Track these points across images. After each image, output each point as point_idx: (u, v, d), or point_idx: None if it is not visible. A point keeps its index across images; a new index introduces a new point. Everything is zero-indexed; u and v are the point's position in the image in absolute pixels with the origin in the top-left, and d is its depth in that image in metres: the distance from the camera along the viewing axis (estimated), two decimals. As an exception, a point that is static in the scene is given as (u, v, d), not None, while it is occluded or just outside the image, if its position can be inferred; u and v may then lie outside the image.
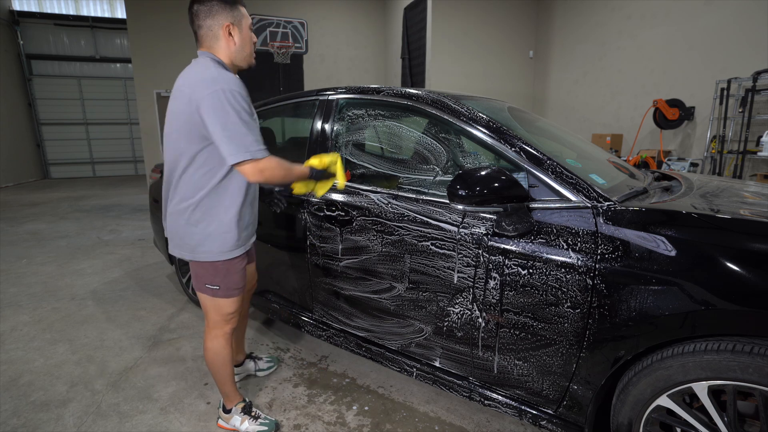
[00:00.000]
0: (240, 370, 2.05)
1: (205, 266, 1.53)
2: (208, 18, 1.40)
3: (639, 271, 1.17)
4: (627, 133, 6.44)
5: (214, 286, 1.55)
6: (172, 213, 1.50)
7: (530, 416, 1.48)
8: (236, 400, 1.75)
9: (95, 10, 11.45)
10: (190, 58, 1.50)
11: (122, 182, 10.64)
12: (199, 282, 1.58)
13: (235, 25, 1.42)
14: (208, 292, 1.57)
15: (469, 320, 1.52)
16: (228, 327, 1.65)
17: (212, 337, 1.64)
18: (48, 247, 4.48)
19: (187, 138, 1.40)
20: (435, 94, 1.80)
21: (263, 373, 2.11)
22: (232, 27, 1.42)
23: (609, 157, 1.99)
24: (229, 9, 1.41)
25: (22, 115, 10.89)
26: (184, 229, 1.48)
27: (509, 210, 1.39)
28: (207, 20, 1.40)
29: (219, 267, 1.53)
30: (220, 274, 1.54)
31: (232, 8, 1.41)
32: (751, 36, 4.80)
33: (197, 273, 1.57)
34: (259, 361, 2.12)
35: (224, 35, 1.42)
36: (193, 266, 1.57)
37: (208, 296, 1.58)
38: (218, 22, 1.40)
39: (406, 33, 8.24)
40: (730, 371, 1.06)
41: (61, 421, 1.79)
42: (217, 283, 1.55)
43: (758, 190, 1.71)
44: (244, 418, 1.72)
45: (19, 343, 2.45)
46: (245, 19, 1.46)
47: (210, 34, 1.42)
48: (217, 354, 1.64)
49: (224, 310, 1.61)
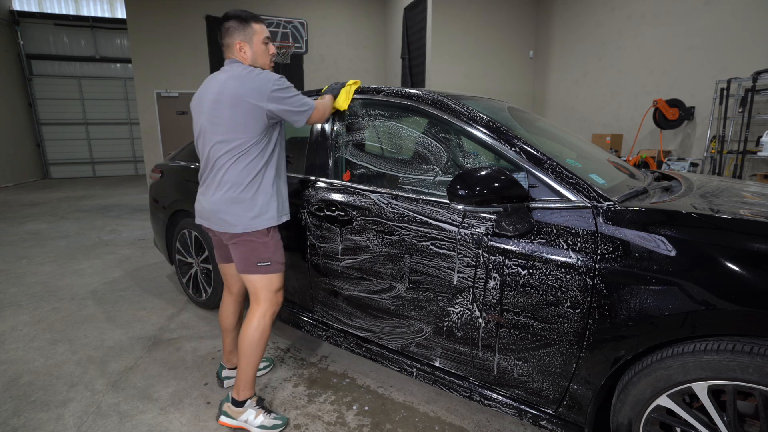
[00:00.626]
0: (236, 372, 2.03)
1: (255, 244, 1.66)
2: (227, 37, 1.65)
3: (639, 271, 1.17)
4: (627, 133, 6.44)
5: (265, 263, 1.69)
6: (224, 199, 1.64)
7: (530, 416, 1.49)
8: (252, 392, 1.76)
9: (95, 10, 11.45)
10: (190, 58, 1.55)
11: (122, 182, 10.64)
12: (249, 263, 1.69)
13: (246, 42, 1.65)
14: (261, 270, 1.69)
15: (469, 320, 1.52)
16: (277, 306, 1.77)
17: (261, 316, 1.71)
18: (48, 247, 4.48)
19: (243, 129, 1.59)
20: (435, 94, 1.80)
21: (260, 372, 2.11)
22: (242, 44, 1.65)
23: (609, 157, 1.99)
24: (242, 29, 1.64)
25: (22, 115, 10.90)
26: (237, 209, 1.63)
27: (509, 210, 1.39)
28: (226, 39, 1.66)
29: (268, 242, 1.68)
30: (270, 248, 1.69)
31: (244, 27, 1.64)
32: (751, 36, 4.80)
33: (247, 255, 1.68)
34: None
35: (238, 51, 1.66)
36: (243, 249, 1.68)
37: (260, 275, 1.70)
38: (233, 40, 1.65)
39: (406, 33, 8.24)
40: (730, 371, 1.06)
41: (61, 421, 1.79)
42: (268, 259, 1.69)
43: (758, 190, 1.71)
44: (259, 411, 1.73)
45: (19, 343, 2.45)
46: (257, 35, 1.66)
47: (230, 50, 1.67)
48: (264, 332, 1.71)
49: (275, 285, 1.74)
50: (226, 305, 1.96)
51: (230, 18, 1.65)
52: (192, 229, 2.65)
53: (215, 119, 1.61)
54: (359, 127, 2.01)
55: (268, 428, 1.71)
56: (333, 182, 1.94)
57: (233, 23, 1.64)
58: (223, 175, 1.63)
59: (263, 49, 1.69)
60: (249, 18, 1.66)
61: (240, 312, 1.99)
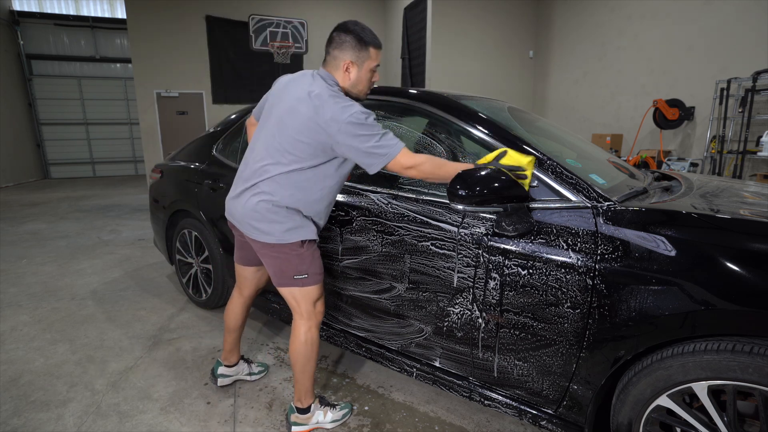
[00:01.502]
0: (233, 371, 2.02)
1: (290, 256, 1.56)
2: (337, 49, 1.51)
3: (639, 271, 1.17)
4: (627, 133, 6.44)
5: (302, 275, 1.60)
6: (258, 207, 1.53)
7: (530, 416, 1.49)
8: (314, 396, 1.74)
9: (95, 10, 11.44)
10: (190, 58, 1.53)
11: (122, 182, 10.64)
12: (285, 277, 1.60)
13: (356, 64, 1.52)
14: (297, 283, 1.61)
15: (469, 320, 1.52)
16: (320, 316, 1.70)
17: (306, 330, 1.66)
18: (48, 247, 4.48)
19: (309, 152, 1.48)
20: (435, 94, 1.80)
21: (254, 377, 2.08)
22: (351, 65, 1.51)
23: (609, 157, 1.99)
24: (357, 49, 1.50)
25: (22, 115, 10.89)
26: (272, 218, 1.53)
27: (509, 210, 1.39)
28: (335, 51, 1.52)
29: (304, 253, 1.58)
30: (306, 260, 1.59)
31: (360, 49, 1.50)
32: (751, 36, 4.80)
33: (282, 269, 1.59)
34: (252, 365, 2.09)
35: (343, 69, 1.52)
36: (277, 262, 1.59)
37: (298, 288, 1.61)
38: (343, 57, 1.51)
39: (406, 33, 8.24)
40: (729, 371, 1.06)
41: (61, 421, 1.79)
42: (305, 271, 1.60)
43: (758, 190, 1.71)
44: (326, 409, 1.74)
45: (19, 343, 2.45)
46: (369, 62, 1.53)
47: (333, 63, 1.53)
48: (314, 344, 1.67)
49: (314, 296, 1.65)
50: (235, 305, 1.93)
51: (349, 32, 1.49)
52: (192, 229, 2.65)
53: (282, 125, 1.50)
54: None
55: (339, 420, 1.76)
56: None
57: (351, 40, 1.49)
58: (265, 182, 1.52)
59: (368, 78, 1.55)
60: (369, 42, 1.50)
61: (246, 314, 1.97)
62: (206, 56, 8.19)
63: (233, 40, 8.27)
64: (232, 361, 2.02)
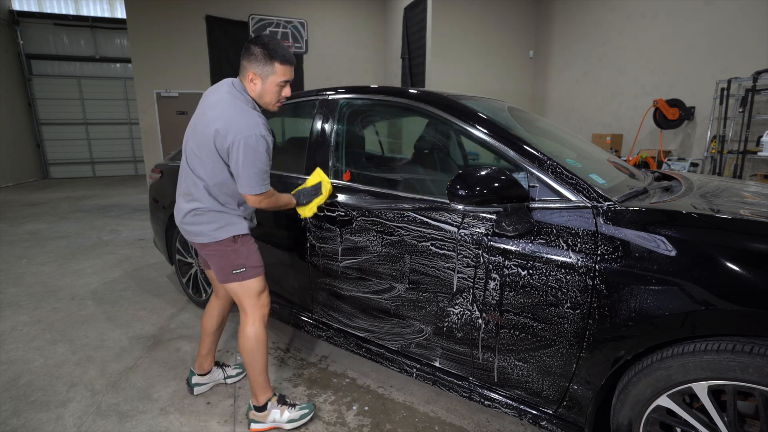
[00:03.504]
0: (207, 378, 2.00)
1: (226, 252, 1.64)
2: (246, 60, 1.57)
3: (639, 271, 1.17)
4: (627, 133, 6.44)
5: (240, 269, 1.66)
6: (187, 210, 1.65)
7: (530, 416, 1.48)
8: (270, 393, 1.75)
9: (95, 10, 11.44)
10: (190, 58, 1.55)
11: (122, 182, 10.64)
12: (225, 272, 1.67)
13: (260, 76, 1.57)
14: (237, 278, 1.67)
15: (469, 321, 1.52)
16: (265, 309, 1.74)
17: (251, 324, 1.70)
18: (48, 247, 4.48)
19: (211, 164, 1.57)
20: (435, 94, 1.80)
21: (232, 380, 2.07)
22: (255, 77, 1.57)
23: (609, 157, 1.99)
24: (263, 63, 1.54)
25: (22, 115, 10.89)
26: (200, 221, 1.64)
27: (509, 210, 1.39)
28: (244, 61, 1.57)
29: (239, 248, 1.65)
30: (242, 254, 1.66)
31: (266, 63, 1.54)
32: (751, 36, 4.80)
33: (221, 265, 1.67)
34: (227, 368, 2.08)
35: (248, 80, 1.58)
36: (215, 259, 1.67)
37: (238, 282, 1.67)
38: (249, 68, 1.56)
39: (406, 33, 8.24)
40: (730, 371, 1.06)
41: (61, 421, 1.79)
42: (242, 265, 1.66)
43: (758, 190, 1.71)
44: (283, 408, 1.73)
45: (19, 343, 2.45)
46: (274, 77, 1.56)
47: (243, 73, 1.59)
48: (259, 339, 1.69)
49: (255, 290, 1.70)
50: (212, 308, 1.95)
51: (258, 45, 1.54)
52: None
53: (197, 131, 1.58)
54: (359, 127, 2.01)
55: (297, 420, 1.73)
56: (333, 182, 1.94)
57: (258, 53, 1.53)
58: (189, 187, 1.63)
59: (275, 90, 1.60)
60: (275, 56, 1.53)
61: (223, 317, 1.97)
62: (206, 56, 8.19)
63: (233, 40, 8.27)
64: (205, 368, 1.99)
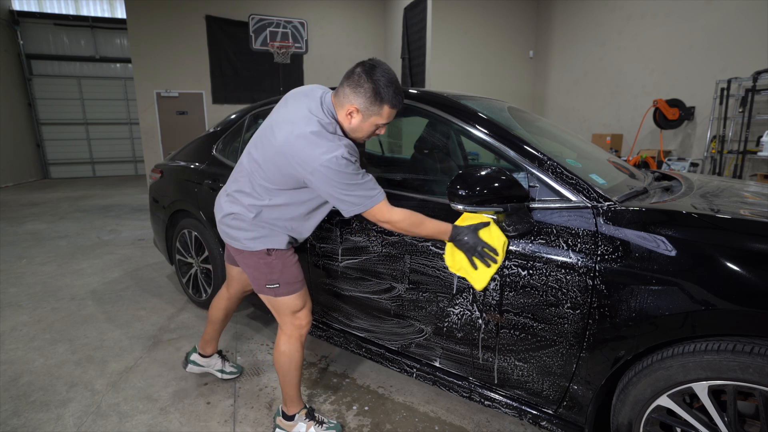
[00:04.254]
0: (205, 362, 2.01)
1: (259, 264, 1.54)
2: (350, 88, 1.37)
3: (639, 271, 1.17)
4: (627, 133, 6.44)
5: (273, 285, 1.56)
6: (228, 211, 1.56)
7: (530, 416, 1.48)
8: (300, 406, 1.67)
9: (95, 10, 11.44)
10: (190, 58, 1.52)
11: (122, 182, 10.64)
12: (259, 284, 1.59)
13: (361, 113, 1.39)
14: (270, 292, 1.57)
15: (469, 321, 1.52)
16: (302, 329, 1.63)
17: (286, 340, 1.61)
18: (48, 247, 4.48)
19: (279, 179, 1.44)
20: (435, 94, 1.80)
21: (225, 375, 2.06)
22: (356, 112, 1.39)
23: (609, 157, 1.99)
24: (370, 102, 1.36)
25: (22, 115, 10.89)
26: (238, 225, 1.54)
27: (509, 210, 1.39)
28: (348, 88, 1.38)
29: (273, 262, 1.54)
30: (275, 269, 1.54)
31: (373, 103, 1.36)
32: (751, 36, 4.80)
33: (255, 276, 1.58)
34: (226, 362, 2.08)
35: (346, 113, 1.40)
36: (249, 269, 1.58)
37: (271, 297, 1.59)
38: (352, 99, 1.37)
39: (406, 33, 8.24)
40: (730, 371, 1.06)
41: (61, 421, 1.79)
42: (275, 280, 1.55)
43: (758, 190, 1.71)
44: (310, 424, 1.65)
45: (19, 343, 2.45)
46: (376, 118, 1.39)
47: (341, 100, 1.40)
48: (291, 357, 1.61)
49: (291, 307, 1.59)
50: (220, 299, 1.96)
51: (369, 78, 1.34)
52: (192, 229, 2.65)
53: (266, 142, 1.45)
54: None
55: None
56: None
57: (368, 89, 1.34)
58: (238, 192, 1.53)
59: (370, 131, 1.44)
60: (385, 98, 1.35)
61: (230, 310, 1.98)
62: (206, 56, 8.19)
63: (233, 40, 8.28)
64: (207, 351, 2.02)
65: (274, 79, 8.57)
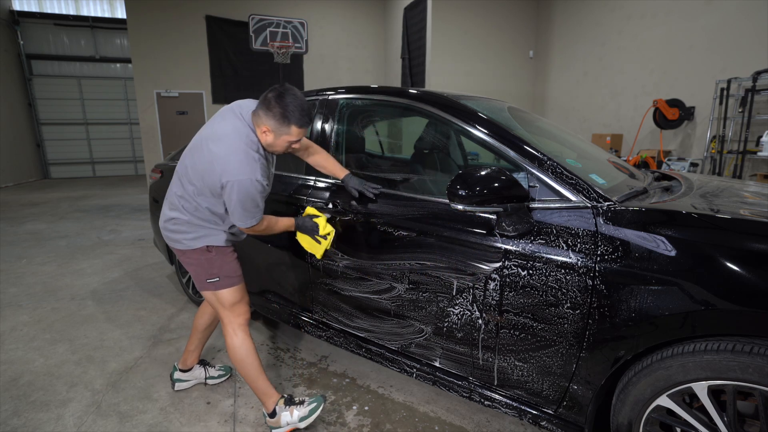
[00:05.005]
0: (188, 375, 2.00)
1: (200, 260, 1.66)
2: (262, 109, 1.53)
3: (639, 271, 1.17)
4: (627, 133, 6.44)
5: (213, 278, 1.67)
6: (167, 217, 1.67)
7: (530, 416, 1.48)
8: (275, 397, 1.70)
9: (95, 10, 11.45)
10: (190, 58, 1.54)
11: (122, 182, 10.64)
12: (200, 281, 1.69)
13: (273, 132, 1.55)
14: (210, 287, 1.68)
15: (469, 321, 1.52)
16: (241, 318, 1.73)
17: (231, 334, 1.70)
18: (48, 247, 4.48)
19: (204, 191, 1.58)
20: (435, 94, 1.80)
21: (214, 381, 2.05)
22: (268, 131, 1.55)
23: (609, 157, 1.99)
24: (279, 123, 1.52)
25: (22, 115, 10.89)
26: (178, 228, 1.66)
27: (509, 210, 1.39)
28: (261, 109, 1.54)
29: (213, 257, 1.66)
30: (216, 263, 1.67)
31: (282, 124, 1.52)
32: (751, 36, 4.80)
33: (196, 273, 1.69)
34: (210, 368, 2.07)
35: (262, 131, 1.56)
36: (192, 268, 1.69)
37: (212, 291, 1.69)
38: (265, 120, 1.53)
39: (406, 33, 8.24)
40: (730, 371, 1.06)
41: (61, 421, 1.79)
42: (215, 274, 1.67)
43: (758, 190, 1.71)
44: (291, 409, 1.69)
45: (19, 343, 2.45)
46: (287, 137, 1.55)
47: (256, 119, 1.56)
48: (241, 348, 1.69)
49: (229, 300, 1.70)
50: (204, 306, 1.97)
51: (277, 102, 1.49)
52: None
53: (197, 157, 1.57)
54: (359, 127, 2.01)
55: (308, 417, 1.70)
56: (333, 182, 1.94)
57: (277, 111, 1.50)
58: (176, 197, 1.64)
59: (284, 146, 1.60)
60: (292, 119, 1.51)
61: (215, 318, 1.97)
62: (206, 56, 8.20)
63: (233, 40, 8.28)
64: (188, 364, 2.00)
65: (274, 79, 8.57)
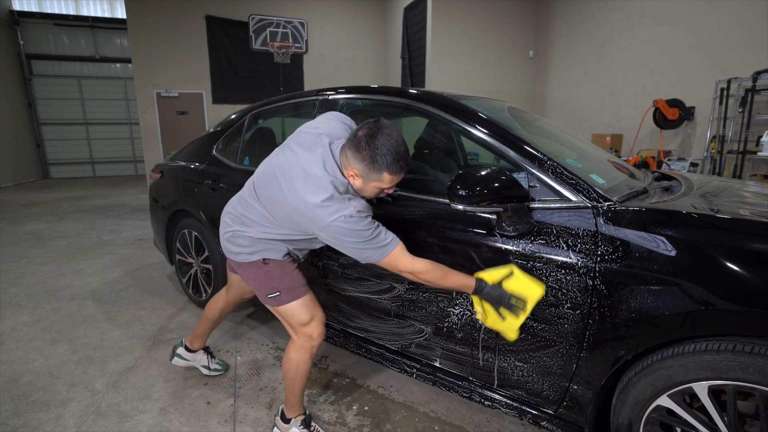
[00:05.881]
0: (191, 356, 2.03)
1: (258, 273, 1.54)
2: (352, 151, 1.35)
3: (639, 271, 1.17)
4: (627, 133, 6.44)
5: (274, 293, 1.55)
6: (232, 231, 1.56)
7: (530, 416, 1.48)
8: (299, 412, 1.66)
9: (95, 10, 11.44)
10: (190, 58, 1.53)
11: (122, 182, 10.64)
12: (261, 295, 1.59)
13: (362, 177, 1.36)
14: (272, 302, 1.56)
15: (470, 321, 1.52)
16: (313, 341, 1.58)
17: (296, 350, 1.59)
18: (48, 247, 4.48)
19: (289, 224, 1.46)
20: (435, 94, 1.80)
21: (208, 371, 2.07)
22: (356, 176, 1.37)
23: (609, 157, 1.99)
24: (369, 168, 1.33)
25: (22, 115, 10.89)
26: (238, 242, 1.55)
27: (509, 210, 1.39)
28: (350, 151, 1.35)
29: (271, 269, 1.54)
30: (274, 276, 1.54)
31: (372, 170, 1.33)
32: (751, 36, 4.80)
33: (257, 287, 1.58)
34: (212, 359, 2.09)
35: (349, 174, 1.38)
36: (251, 282, 1.59)
37: (275, 306, 1.58)
38: (352, 162, 1.35)
39: (406, 33, 8.24)
40: (730, 371, 1.06)
41: (61, 421, 1.79)
42: (275, 288, 1.54)
43: (758, 190, 1.71)
44: (303, 431, 1.65)
45: (19, 343, 2.45)
46: (377, 183, 1.36)
47: (345, 161, 1.38)
48: (298, 367, 1.58)
49: (297, 316, 1.56)
50: (218, 300, 1.97)
51: (369, 144, 1.30)
52: (192, 229, 2.65)
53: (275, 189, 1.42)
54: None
55: None
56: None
57: (367, 156, 1.31)
58: (244, 216, 1.54)
59: (374, 193, 1.42)
60: (383, 166, 1.31)
61: (226, 312, 1.99)
62: (206, 56, 8.20)
63: (233, 40, 8.28)
64: (194, 346, 2.04)
65: (274, 79, 8.57)
